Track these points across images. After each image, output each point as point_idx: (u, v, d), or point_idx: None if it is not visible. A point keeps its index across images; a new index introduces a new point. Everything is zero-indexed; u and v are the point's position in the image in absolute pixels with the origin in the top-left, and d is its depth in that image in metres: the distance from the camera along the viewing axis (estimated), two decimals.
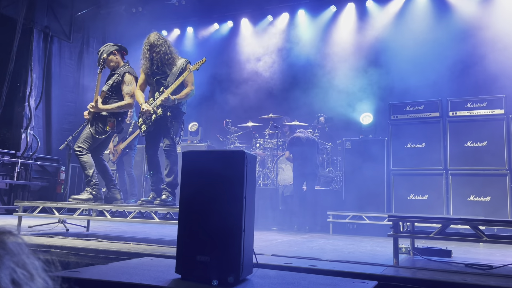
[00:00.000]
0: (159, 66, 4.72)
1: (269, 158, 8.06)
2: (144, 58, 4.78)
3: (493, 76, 7.16)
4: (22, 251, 0.69)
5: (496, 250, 4.49)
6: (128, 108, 5.07)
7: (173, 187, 4.65)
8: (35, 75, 9.01)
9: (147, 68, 4.76)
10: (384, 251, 3.98)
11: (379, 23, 9.09)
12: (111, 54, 5.08)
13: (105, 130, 4.89)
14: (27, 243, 0.72)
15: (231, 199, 2.28)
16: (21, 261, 0.68)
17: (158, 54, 4.66)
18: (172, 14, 10.41)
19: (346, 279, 2.43)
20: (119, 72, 5.01)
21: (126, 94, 4.96)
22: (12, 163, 8.42)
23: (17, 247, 0.69)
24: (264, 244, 4.26)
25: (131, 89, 4.98)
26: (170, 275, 2.35)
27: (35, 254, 0.71)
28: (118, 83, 4.97)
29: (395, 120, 6.92)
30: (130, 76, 5.00)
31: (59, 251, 3.53)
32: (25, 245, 0.71)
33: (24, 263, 0.68)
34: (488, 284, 2.41)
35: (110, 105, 4.92)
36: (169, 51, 4.73)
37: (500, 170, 6.07)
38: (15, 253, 0.68)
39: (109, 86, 4.98)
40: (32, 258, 0.70)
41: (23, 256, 0.69)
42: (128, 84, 4.96)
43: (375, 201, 6.68)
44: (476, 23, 7.88)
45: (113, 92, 4.96)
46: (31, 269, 0.69)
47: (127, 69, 5.03)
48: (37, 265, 0.70)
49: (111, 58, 5.08)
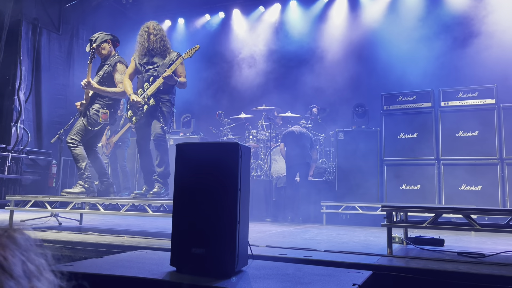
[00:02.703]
0: (152, 54, 4.69)
1: (263, 150, 8.05)
2: (138, 43, 4.76)
3: (484, 66, 7.19)
4: (31, 248, 0.72)
5: (488, 239, 4.54)
6: (123, 96, 5.01)
7: (165, 177, 4.64)
8: (24, 67, 8.88)
9: (140, 54, 4.73)
10: (377, 241, 4.01)
11: (371, 13, 9.08)
12: (104, 42, 5.01)
13: (98, 121, 4.83)
14: (35, 241, 0.75)
15: (225, 191, 2.27)
16: (31, 257, 0.71)
17: (154, 37, 4.66)
18: (163, 5, 10.29)
19: (340, 269, 2.45)
20: (110, 62, 4.95)
21: (119, 83, 4.90)
22: (3, 157, 8.33)
23: (27, 244, 0.72)
24: (258, 236, 4.27)
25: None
26: (165, 267, 2.35)
27: (41, 251, 0.75)
28: (109, 73, 4.91)
29: (388, 110, 6.94)
30: (122, 65, 4.95)
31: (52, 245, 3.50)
32: (33, 242, 0.74)
33: (33, 259, 0.71)
34: (481, 272, 2.44)
35: (107, 88, 4.85)
36: (165, 40, 4.75)
37: (491, 160, 6.13)
38: (25, 249, 0.71)
39: (100, 77, 4.92)
40: (39, 256, 0.73)
41: (31, 253, 0.72)
42: (121, 73, 4.91)
43: (368, 192, 6.72)
44: (467, 14, 7.90)
45: (104, 83, 4.89)
46: (39, 265, 0.72)
47: (117, 59, 4.97)
48: (43, 263, 0.73)
49: (104, 46, 5.01)
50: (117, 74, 4.91)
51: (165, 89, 4.62)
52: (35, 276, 0.68)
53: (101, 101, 4.90)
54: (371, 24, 9.01)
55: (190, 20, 10.97)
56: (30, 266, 0.68)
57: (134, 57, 4.83)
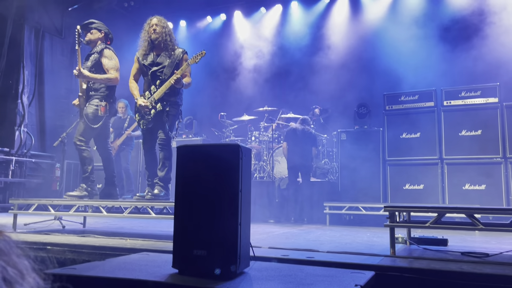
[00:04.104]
0: (157, 52, 4.58)
1: (265, 151, 8.05)
2: (142, 39, 4.64)
3: (487, 65, 7.17)
4: (12, 251, 0.69)
5: (492, 238, 4.52)
6: (116, 83, 4.86)
7: (166, 182, 4.60)
8: (27, 72, 8.92)
9: (144, 51, 4.61)
10: (380, 241, 4.00)
11: (373, 13, 9.07)
12: (99, 31, 4.94)
13: (98, 115, 4.75)
14: (17, 242, 0.71)
15: (226, 192, 2.27)
16: (12, 260, 0.67)
17: (159, 31, 4.53)
18: (164, 7, 10.30)
19: (343, 270, 2.44)
20: (97, 50, 4.85)
21: (110, 69, 4.78)
22: (7, 161, 8.37)
23: (7, 246, 0.69)
24: (261, 237, 4.26)
25: (115, 64, 4.82)
26: (168, 270, 2.35)
27: (25, 253, 0.71)
28: (98, 61, 4.80)
29: (390, 110, 6.92)
30: (109, 51, 4.84)
31: (55, 248, 3.51)
32: (14, 244, 0.70)
33: (15, 262, 0.68)
34: (485, 272, 2.42)
35: (98, 75, 4.74)
36: (170, 35, 4.61)
37: (494, 159, 6.10)
38: (5, 252, 0.67)
39: (89, 68, 4.81)
40: (22, 257, 0.70)
41: (13, 256, 0.68)
42: (110, 59, 4.80)
43: (371, 192, 6.70)
44: (469, 13, 7.88)
45: (93, 72, 4.79)
46: (21, 268, 0.68)
47: (104, 46, 4.88)
48: (27, 265, 0.70)
49: (95, 32, 4.93)
50: (106, 60, 4.78)
51: (172, 91, 4.53)
52: (17, 282, 0.65)
53: (97, 95, 4.81)
54: (372, 24, 9.00)
55: (192, 22, 11.00)
56: (10, 271, 0.65)
57: (137, 56, 4.68)
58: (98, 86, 4.84)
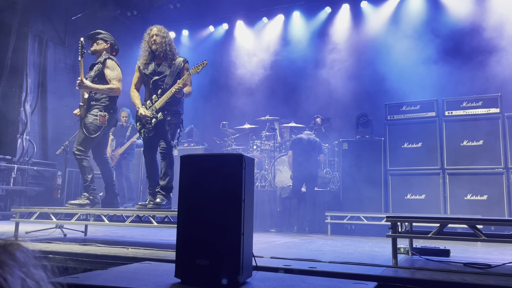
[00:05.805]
0: (158, 62, 4.59)
1: (267, 160, 8.06)
2: (142, 49, 4.65)
3: (488, 75, 7.20)
4: (29, 262, 0.70)
5: (494, 249, 4.51)
6: (118, 93, 4.86)
7: (168, 191, 4.59)
8: (30, 80, 8.98)
9: (145, 60, 4.62)
10: (382, 252, 3.99)
11: (374, 23, 9.13)
12: (104, 42, 4.97)
13: (98, 125, 4.75)
14: (33, 252, 0.73)
15: (229, 202, 2.28)
16: (30, 272, 0.69)
17: (159, 41, 4.53)
18: (167, 17, 10.39)
19: (345, 281, 2.43)
20: (100, 60, 4.87)
21: (113, 79, 4.78)
22: (8, 168, 8.38)
23: (25, 257, 0.70)
24: (263, 247, 4.25)
25: (117, 74, 4.82)
26: (170, 279, 2.35)
27: (40, 264, 0.72)
28: (101, 71, 4.81)
29: (392, 120, 6.94)
30: (112, 62, 4.85)
31: (57, 257, 3.51)
32: (32, 255, 0.72)
33: (32, 273, 0.69)
34: (487, 283, 2.42)
35: (100, 86, 4.74)
36: (171, 45, 4.62)
37: (496, 169, 6.10)
38: (24, 263, 0.69)
39: (92, 78, 4.82)
40: (38, 268, 0.71)
41: (31, 267, 0.70)
42: (112, 69, 4.81)
43: (372, 202, 6.69)
44: (470, 23, 7.93)
45: (96, 83, 4.79)
46: (38, 279, 0.70)
47: (108, 56, 4.89)
48: (44, 276, 0.71)
49: (101, 43, 4.95)
50: (108, 70, 4.79)
51: (173, 100, 4.54)
52: None
53: (97, 105, 4.81)
54: (374, 34, 9.06)
55: (194, 32, 11.07)
56: (29, 282, 0.67)
57: (138, 65, 4.69)
58: (99, 96, 4.84)
